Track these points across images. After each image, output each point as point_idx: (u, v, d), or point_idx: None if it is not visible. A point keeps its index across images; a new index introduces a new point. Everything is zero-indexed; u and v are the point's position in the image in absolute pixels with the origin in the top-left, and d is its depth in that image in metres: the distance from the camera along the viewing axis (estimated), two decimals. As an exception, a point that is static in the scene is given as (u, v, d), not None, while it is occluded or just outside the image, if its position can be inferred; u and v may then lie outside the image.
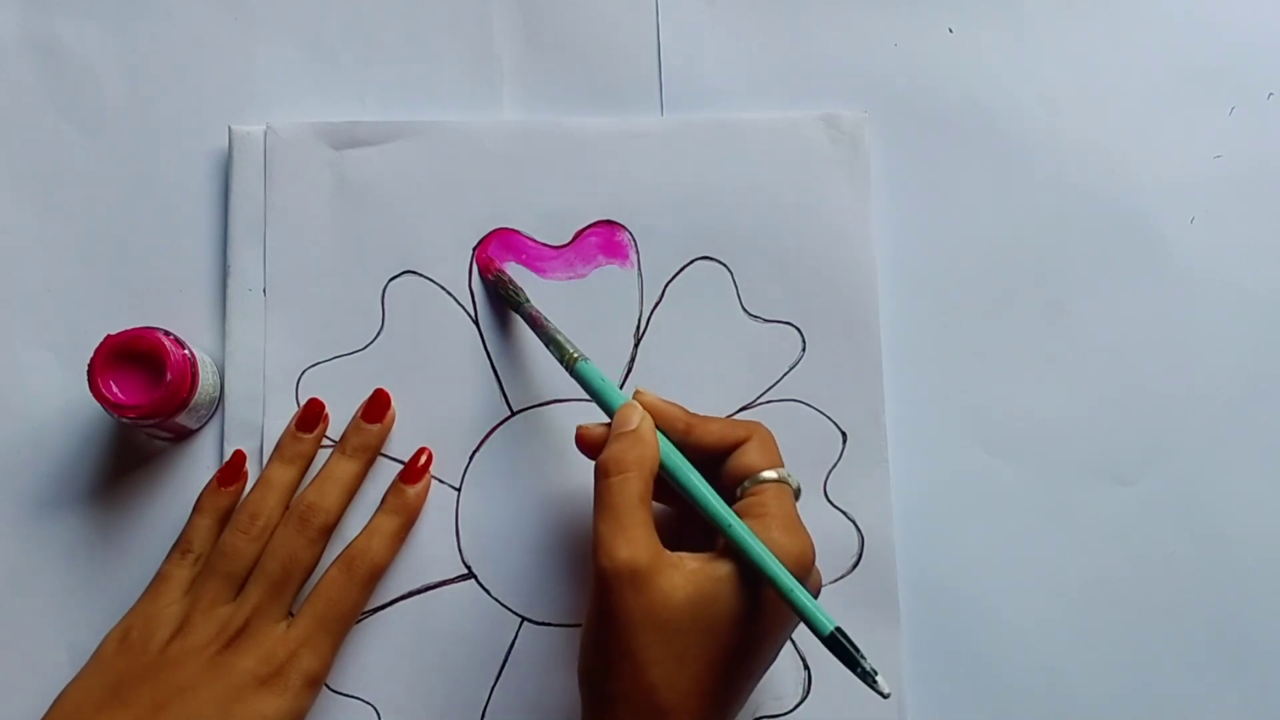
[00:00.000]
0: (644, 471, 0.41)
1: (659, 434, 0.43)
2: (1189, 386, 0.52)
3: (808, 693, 0.49)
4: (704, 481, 0.42)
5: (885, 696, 0.37)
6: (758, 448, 0.43)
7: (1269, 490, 0.52)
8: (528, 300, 0.50)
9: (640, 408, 0.44)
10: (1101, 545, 0.51)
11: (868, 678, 0.38)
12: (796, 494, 0.43)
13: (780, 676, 0.49)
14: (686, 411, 0.45)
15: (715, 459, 0.44)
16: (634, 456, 0.42)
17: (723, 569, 0.40)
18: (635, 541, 0.40)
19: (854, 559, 0.50)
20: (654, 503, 0.42)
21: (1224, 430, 0.52)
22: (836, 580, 0.50)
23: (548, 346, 0.48)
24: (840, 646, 0.38)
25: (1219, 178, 0.54)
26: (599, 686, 0.40)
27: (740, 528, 0.40)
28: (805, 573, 0.41)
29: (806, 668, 0.50)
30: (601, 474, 0.42)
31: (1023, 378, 0.52)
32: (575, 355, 0.47)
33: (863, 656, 0.38)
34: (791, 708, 0.49)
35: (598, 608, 0.40)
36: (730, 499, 0.43)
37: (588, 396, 0.46)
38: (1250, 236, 0.54)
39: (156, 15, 0.55)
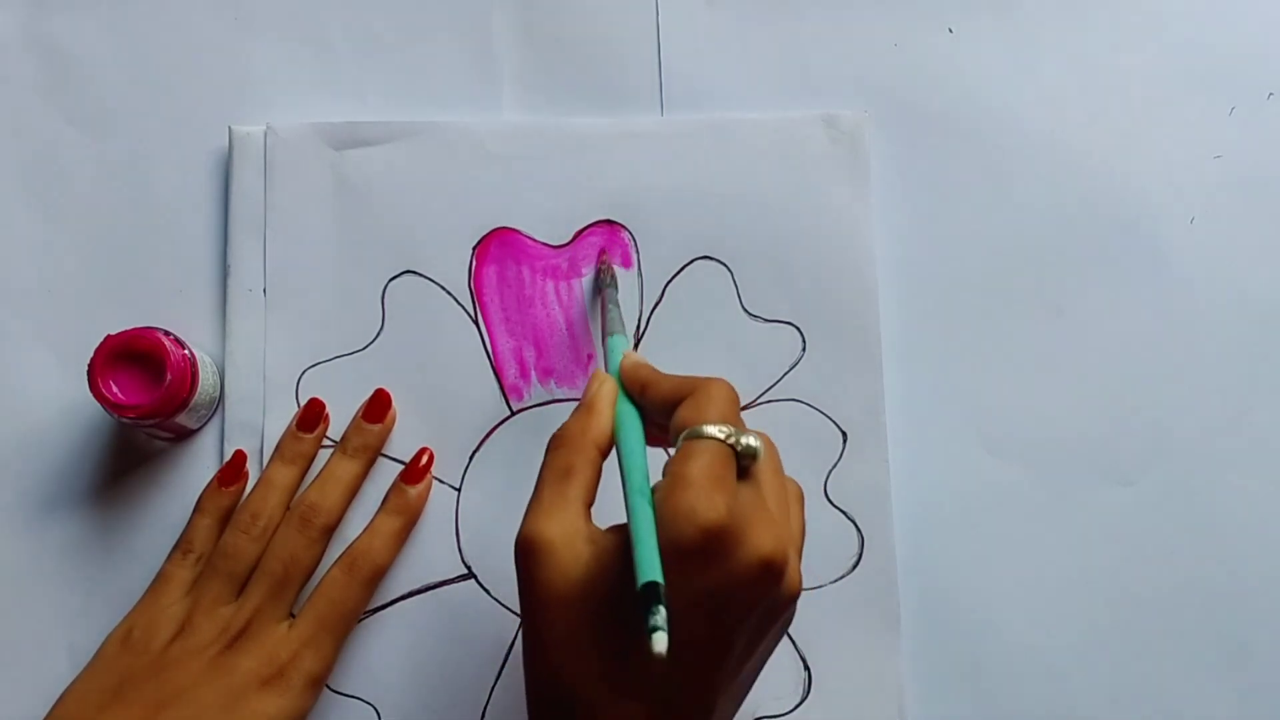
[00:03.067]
0: (582, 444, 0.39)
1: (624, 399, 0.41)
2: (1189, 386, 0.52)
3: (808, 693, 0.49)
4: (639, 447, 0.39)
5: (657, 654, 0.32)
6: (693, 403, 0.38)
7: (1269, 490, 0.52)
8: (615, 288, 0.51)
9: (606, 378, 0.42)
10: (1101, 545, 0.51)
11: (653, 629, 0.33)
12: (748, 454, 0.37)
13: (780, 676, 0.50)
14: (653, 371, 0.42)
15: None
16: (576, 429, 0.39)
17: (614, 541, 0.36)
18: (545, 514, 0.37)
19: (854, 559, 0.50)
20: None
21: (1224, 430, 0.52)
22: (836, 580, 0.50)
23: (602, 317, 0.49)
24: (642, 598, 0.33)
25: (1219, 178, 0.54)
26: (525, 672, 0.38)
27: (635, 490, 0.36)
28: (712, 541, 0.34)
29: (807, 668, 0.50)
30: (547, 450, 0.40)
31: (1023, 378, 0.52)
32: (612, 330, 0.46)
33: (655, 613, 0.33)
34: (791, 708, 0.49)
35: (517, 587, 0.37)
36: None
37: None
38: (1250, 236, 0.54)
39: (156, 15, 0.55)
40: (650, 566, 0.33)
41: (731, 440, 0.37)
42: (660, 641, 0.32)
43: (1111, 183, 0.54)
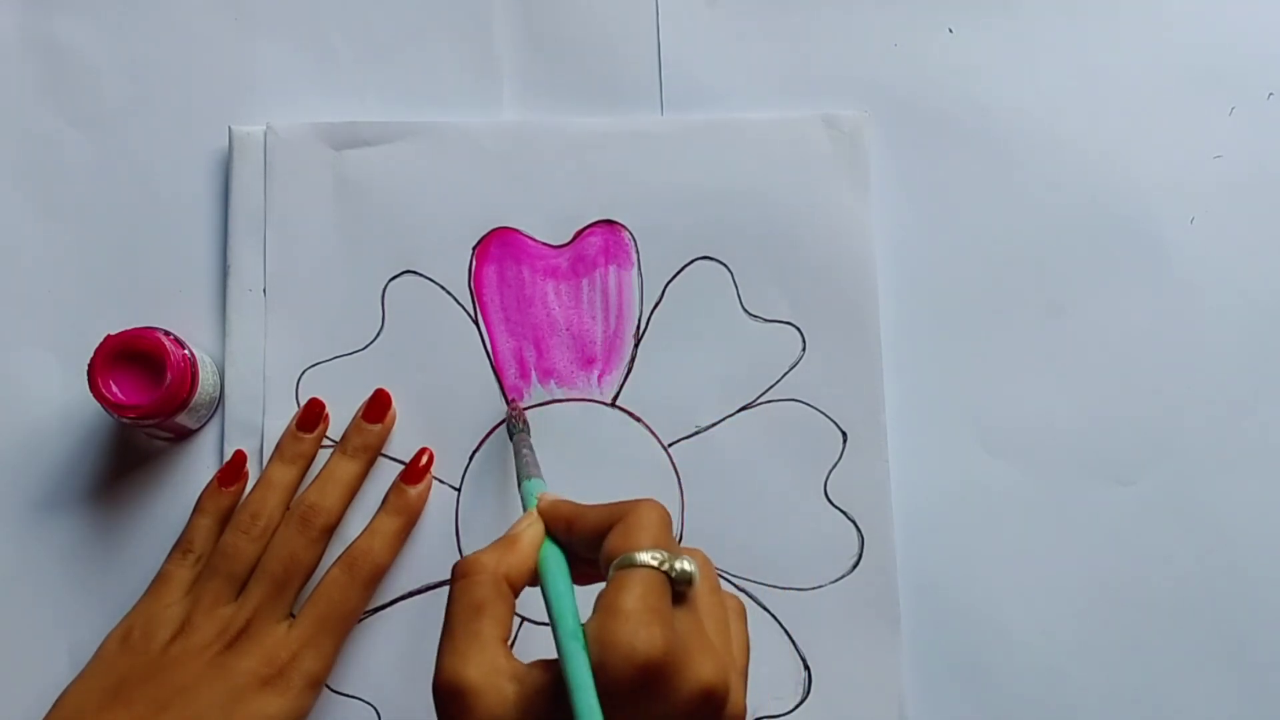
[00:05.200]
0: (493, 576, 0.36)
1: (548, 541, 0.39)
2: (1189, 386, 0.52)
3: (808, 693, 0.49)
4: (566, 587, 0.37)
5: None
6: (623, 530, 0.36)
7: (1269, 490, 0.52)
8: (527, 432, 0.50)
9: (535, 519, 0.39)
10: (1101, 545, 0.51)
11: None
12: (683, 579, 0.35)
13: (780, 676, 0.50)
14: (575, 506, 0.39)
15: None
16: (490, 560, 0.37)
17: (542, 679, 0.34)
18: (461, 655, 0.35)
19: (854, 559, 0.50)
20: None
21: (1224, 430, 0.52)
22: (836, 580, 0.50)
23: (516, 463, 0.47)
24: None
25: (1219, 178, 0.54)
26: None
27: (567, 633, 0.34)
28: (651, 676, 0.33)
29: (807, 668, 0.50)
30: (451, 579, 0.37)
31: (1023, 378, 0.52)
32: (528, 475, 0.44)
33: None
34: (791, 708, 0.49)
35: None
36: None
37: (587, 396, 0.46)
38: (1250, 236, 0.54)
39: (156, 15, 0.55)
40: (591, 714, 0.32)
41: (665, 566, 0.35)
42: None
43: (1111, 183, 0.54)
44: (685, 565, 0.35)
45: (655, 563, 0.35)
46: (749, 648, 0.38)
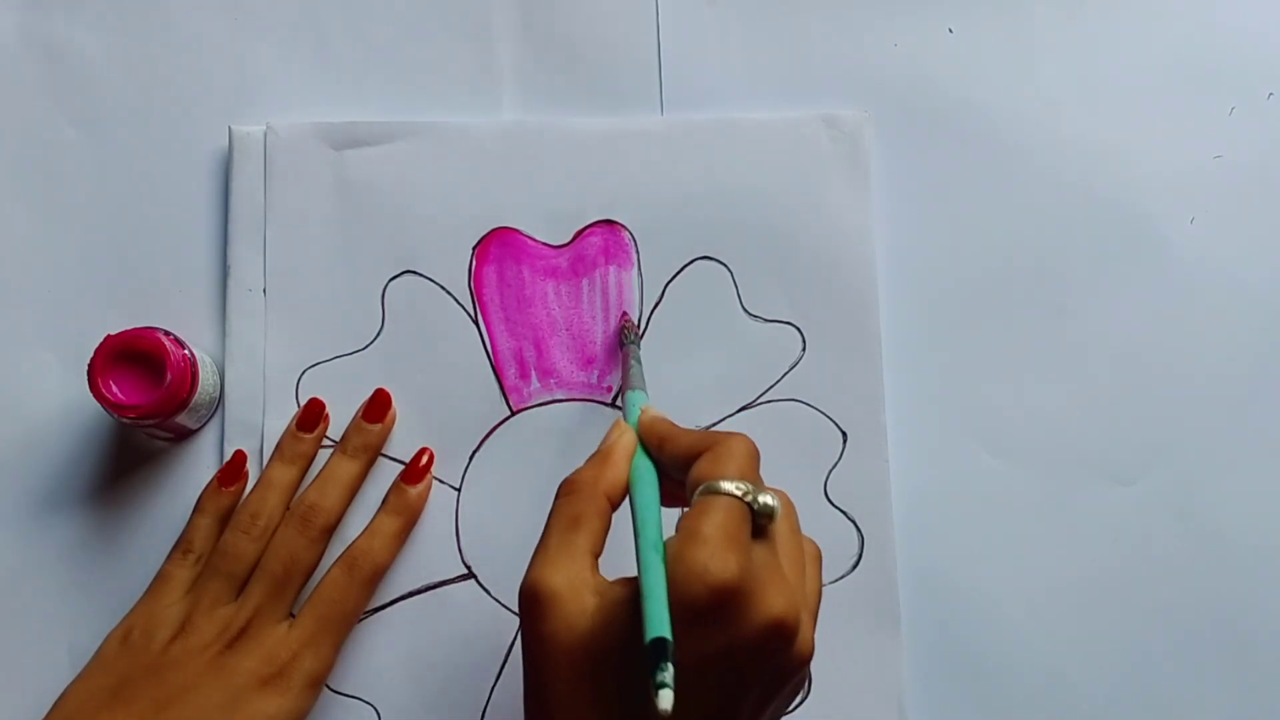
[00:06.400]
0: (593, 493, 0.38)
1: (641, 453, 0.40)
2: (1189, 386, 0.52)
3: (808, 693, 0.49)
4: (654, 500, 0.38)
5: (663, 711, 0.31)
6: (711, 458, 0.37)
7: (1269, 490, 0.52)
8: (637, 344, 0.51)
9: (626, 429, 0.41)
10: (1101, 545, 0.51)
11: (660, 685, 0.32)
12: (765, 513, 0.36)
13: (780, 676, 0.49)
14: (672, 426, 0.41)
15: None
16: (588, 477, 0.38)
17: (622, 594, 0.35)
18: (551, 563, 0.36)
19: (854, 559, 0.50)
20: None
21: (1224, 430, 0.52)
22: (837, 580, 0.50)
23: (624, 372, 0.48)
24: (650, 654, 0.33)
25: (1219, 178, 0.54)
26: (525, 717, 0.37)
27: (648, 544, 0.35)
28: (723, 601, 0.34)
29: (806, 668, 0.50)
30: (556, 496, 0.39)
31: (1023, 378, 0.52)
32: (632, 385, 0.46)
33: (663, 670, 0.32)
34: (791, 708, 0.49)
35: (520, 636, 0.37)
36: None
37: (587, 396, 0.46)
38: (1250, 236, 0.54)
39: (156, 15, 0.55)
40: (659, 622, 0.33)
41: (749, 498, 0.36)
42: (666, 699, 0.31)
43: (1111, 183, 0.54)
44: (768, 500, 0.36)
45: (739, 493, 0.36)
46: (821, 594, 0.39)
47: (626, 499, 0.39)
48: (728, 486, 0.36)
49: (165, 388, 0.46)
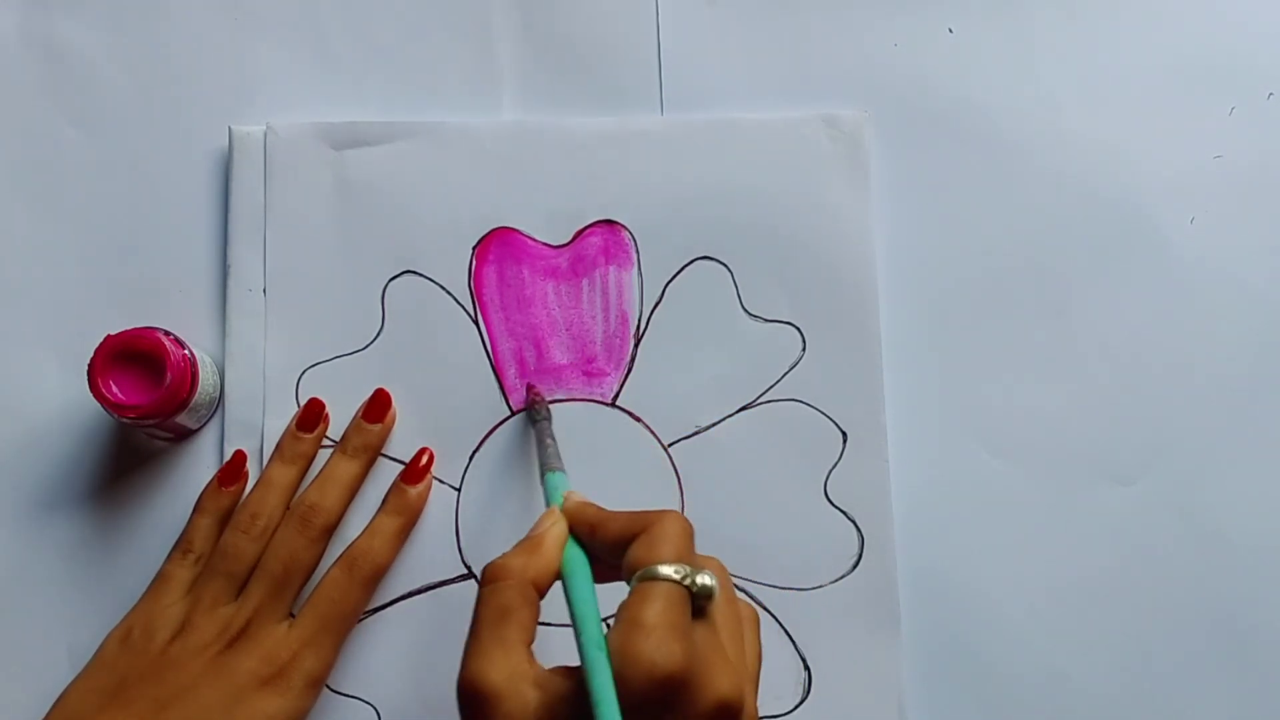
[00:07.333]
0: (520, 581, 0.37)
1: (572, 543, 0.39)
2: (1189, 386, 0.52)
3: (808, 693, 0.49)
4: (590, 595, 0.37)
5: None
6: (646, 542, 0.37)
7: (1269, 490, 0.52)
8: (549, 420, 0.49)
9: (558, 518, 0.40)
10: (1101, 545, 0.51)
11: None
12: (704, 594, 0.36)
13: (780, 676, 0.49)
14: (599, 510, 0.40)
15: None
16: (516, 565, 0.38)
17: (563, 686, 0.35)
18: (486, 657, 0.35)
19: (854, 559, 0.50)
20: None
21: (1224, 430, 0.52)
22: (837, 580, 0.50)
23: (538, 453, 0.47)
24: None
25: (1219, 178, 0.54)
26: None
27: (591, 642, 0.35)
28: (670, 690, 0.34)
29: (807, 668, 0.50)
30: (479, 583, 0.38)
31: (1023, 378, 0.52)
32: (551, 467, 0.45)
33: None
34: (791, 708, 0.49)
35: None
36: None
37: (587, 396, 0.46)
38: (1250, 236, 0.54)
39: (156, 15, 0.55)
40: None
41: (687, 581, 0.36)
42: None
43: (1111, 183, 0.54)
44: (706, 580, 0.36)
45: (678, 577, 0.36)
46: (761, 655, 0.39)
47: (555, 584, 0.38)
48: (666, 571, 0.36)
49: (165, 388, 0.46)
